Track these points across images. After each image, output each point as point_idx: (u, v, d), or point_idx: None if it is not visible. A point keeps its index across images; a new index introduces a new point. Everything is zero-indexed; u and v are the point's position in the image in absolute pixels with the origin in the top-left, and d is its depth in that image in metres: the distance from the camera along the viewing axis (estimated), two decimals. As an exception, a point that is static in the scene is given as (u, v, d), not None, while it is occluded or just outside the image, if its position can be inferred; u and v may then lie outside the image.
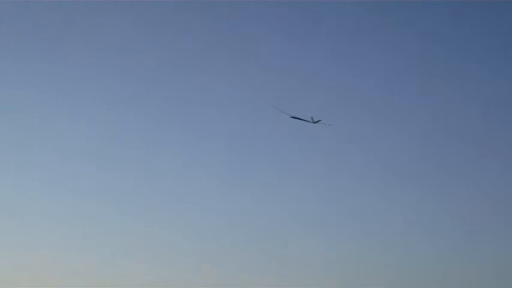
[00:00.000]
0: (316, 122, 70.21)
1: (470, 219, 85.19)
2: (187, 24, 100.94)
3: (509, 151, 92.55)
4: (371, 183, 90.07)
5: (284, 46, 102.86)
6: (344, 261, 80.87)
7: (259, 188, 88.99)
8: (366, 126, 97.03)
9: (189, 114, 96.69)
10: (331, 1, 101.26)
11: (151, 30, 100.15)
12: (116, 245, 79.43)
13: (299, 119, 70.47)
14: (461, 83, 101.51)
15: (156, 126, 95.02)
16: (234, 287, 75.30)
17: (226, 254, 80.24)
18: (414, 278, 78.23)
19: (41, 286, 72.52)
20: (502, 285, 75.70)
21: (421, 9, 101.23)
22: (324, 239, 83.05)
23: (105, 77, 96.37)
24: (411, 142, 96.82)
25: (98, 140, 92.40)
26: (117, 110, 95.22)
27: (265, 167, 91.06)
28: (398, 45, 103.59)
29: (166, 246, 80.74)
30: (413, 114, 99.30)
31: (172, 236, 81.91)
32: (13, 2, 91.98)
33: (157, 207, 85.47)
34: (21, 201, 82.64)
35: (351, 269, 79.61)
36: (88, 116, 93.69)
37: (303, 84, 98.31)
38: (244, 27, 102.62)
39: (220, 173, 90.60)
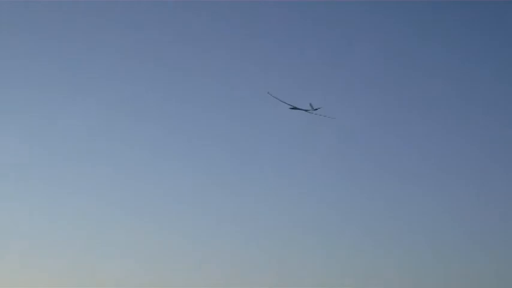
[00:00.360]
0: (316, 109, 69.67)
1: (471, 219, 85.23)
2: (187, 24, 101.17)
3: (510, 151, 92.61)
4: (371, 183, 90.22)
5: (284, 43, 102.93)
6: (344, 259, 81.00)
7: (259, 188, 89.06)
8: (366, 125, 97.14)
9: (188, 114, 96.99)
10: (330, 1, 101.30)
11: (151, 30, 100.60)
12: (115, 245, 79.56)
13: (298, 109, 69.87)
14: (462, 83, 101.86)
15: (156, 125, 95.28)
16: (234, 287, 75.36)
17: (226, 253, 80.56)
18: (414, 278, 78.35)
19: (42, 286, 72.54)
20: (502, 285, 75.76)
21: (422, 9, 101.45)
22: (324, 238, 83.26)
23: (106, 77, 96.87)
24: (412, 142, 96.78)
25: (98, 139, 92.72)
26: (118, 109, 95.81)
27: (265, 166, 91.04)
28: (399, 44, 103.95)
29: (166, 246, 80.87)
30: (413, 113, 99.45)
31: (172, 236, 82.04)
32: (13, 2, 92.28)
33: (157, 207, 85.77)
34: (22, 201, 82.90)
35: (351, 268, 79.72)
36: (89, 115, 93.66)
37: (304, 82, 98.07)
38: (245, 25, 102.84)
39: (220, 172, 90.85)
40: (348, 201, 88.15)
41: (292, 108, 69.72)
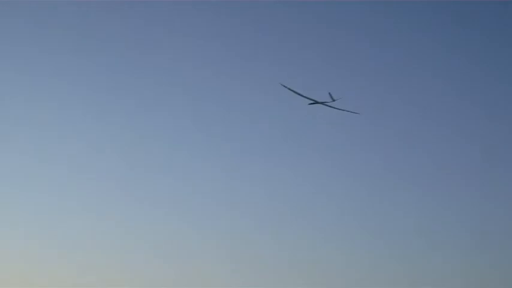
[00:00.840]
0: (334, 100, 67.30)
1: (477, 222, 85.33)
2: (194, 19, 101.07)
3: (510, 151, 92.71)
4: (375, 185, 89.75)
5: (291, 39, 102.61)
6: (349, 261, 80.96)
7: (266, 188, 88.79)
8: (367, 125, 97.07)
9: (198, 111, 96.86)
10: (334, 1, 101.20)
11: (151, 29, 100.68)
12: (125, 241, 79.84)
13: (317, 102, 67.32)
14: (466, 83, 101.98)
15: (166, 122, 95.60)
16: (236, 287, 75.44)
17: (230, 253, 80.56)
18: (415, 277, 78.51)
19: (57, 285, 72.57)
20: (503, 285, 75.92)
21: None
22: (329, 239, 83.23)
23: (108, 75, 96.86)
24: (417, 144, 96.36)
25: (104, 137, 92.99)
26: (123, 105, 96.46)
27: (270, 165, 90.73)
28: (401, 44, 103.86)
29: (172, 244, 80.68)
30: (417, 115, 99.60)
31: (178, 235, 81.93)
32: (13, 2, 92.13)
33: (165, 202, 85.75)
34: (26, 198, 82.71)
35: (356, 270, 79.74)
36: (94, 110, 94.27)
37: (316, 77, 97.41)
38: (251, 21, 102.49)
39: (230, 169, 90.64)
40: (353, 202, 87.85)
41: (312, 103, 67.03)
